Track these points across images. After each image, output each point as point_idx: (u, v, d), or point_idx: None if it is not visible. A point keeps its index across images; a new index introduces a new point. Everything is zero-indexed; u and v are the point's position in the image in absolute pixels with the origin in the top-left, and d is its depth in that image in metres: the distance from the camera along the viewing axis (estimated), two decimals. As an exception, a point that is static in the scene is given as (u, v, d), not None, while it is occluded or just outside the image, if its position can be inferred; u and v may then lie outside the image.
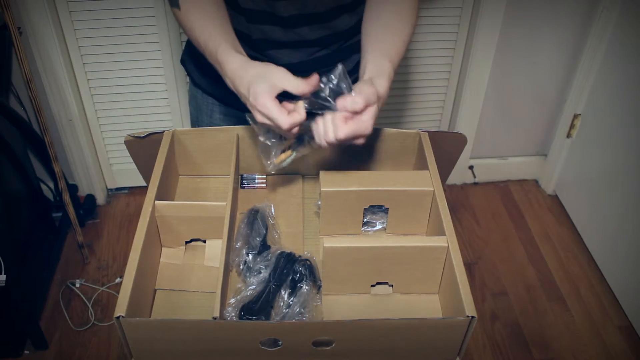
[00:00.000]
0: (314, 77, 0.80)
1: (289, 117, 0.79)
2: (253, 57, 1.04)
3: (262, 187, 1.06)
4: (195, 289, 0.90)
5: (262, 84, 0.80)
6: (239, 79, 0.83)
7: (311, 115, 0.83)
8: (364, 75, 0.88)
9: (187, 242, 0.96)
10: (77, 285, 1.90)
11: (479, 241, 2.11)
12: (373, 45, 0.92)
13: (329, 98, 0.81)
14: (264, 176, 1.07)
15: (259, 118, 0.81)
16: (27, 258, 1.78)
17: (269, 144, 0.88)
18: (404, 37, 0.94)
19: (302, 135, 0.87)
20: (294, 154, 0.90)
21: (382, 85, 0.84)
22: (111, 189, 2.26)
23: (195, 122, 1.22)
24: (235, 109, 1.15)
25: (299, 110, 0.80)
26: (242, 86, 0.83)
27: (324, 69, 0.85)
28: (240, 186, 1.06)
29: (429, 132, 1.01)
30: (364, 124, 0.80)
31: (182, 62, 1.20)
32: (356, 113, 0.80)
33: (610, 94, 1.92)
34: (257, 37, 1.01)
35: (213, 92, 1.14)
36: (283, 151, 0.89)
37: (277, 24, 0.99)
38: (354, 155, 1.05)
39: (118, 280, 1.93)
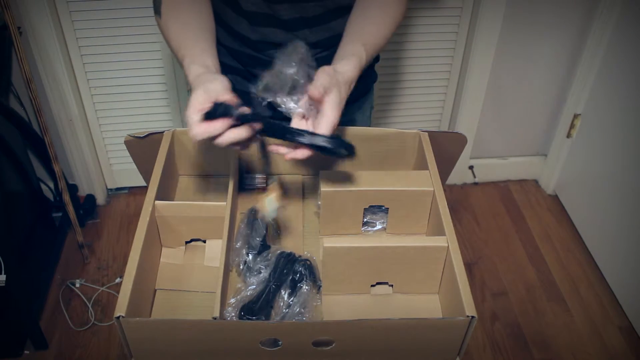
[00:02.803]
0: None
1: (200, 125, 0.74)
2: (254, 57, 1.05)
3: (262, 187, 1.06)
4: (195, 289, 0.90)
5: (193, 94, 0.76)
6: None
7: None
8: (335, 59, 0.88)
9: (187, 242, 0.96)
10: (77, 285, 1.90)
11: (479, 241, 2.11)
12: (350, 33, 0.93)
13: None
14: (264, 176, 1.07)
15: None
16: (27, 258, 1.78)
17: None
18: (384, 30, 0.94)
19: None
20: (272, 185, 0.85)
21: (347, 65, 0.84)
22: (111, 189, 2.26)
23: None
24: None
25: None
26: None
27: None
28: (240, 186, 1.06)
29: (429, 132, 1.01)
30: (327, 115, 0.77)
31: None
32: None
33: (610, 94, 1.92)
34: (258, 38, 1.01)
35: None
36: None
37: (278, 26, 0.99)
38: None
39: (118, 280, 1.93)
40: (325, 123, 0.78)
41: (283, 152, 0.80)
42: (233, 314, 0.82)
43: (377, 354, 0.80)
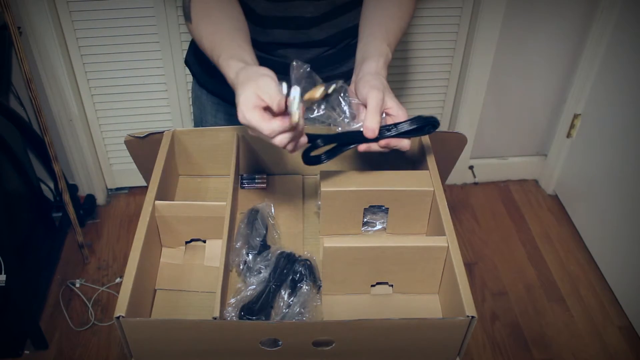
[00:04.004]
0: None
1: (271, 122, 0.73)
2: (261, 58, 1.05)
3: (262, 187, 1.06)
4: (195, 289, 0.90)
5: (243, 93, 0.75)
6: (235, 87, 0.80)
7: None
8: (359, 55, 0.90)
9: (187, 242, 0.96)
10: (77, 285, 1.90)
11: (479, 241, 2.11)
12: (372, 30, 0.93)
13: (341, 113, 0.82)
14: (264, 176, 1.07)
15: (249, 131, 0.77)
16: (27, 258, 1.78)
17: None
18: (402, 23, 0.96)
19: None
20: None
21: (378, 64, 0.86)
22: (111, 189, 2.26)
23: (199, 122, 1.22)
24: None
25: (292, 114, 0.73)
26: (235, 94, 0.78)
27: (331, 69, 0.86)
28: (240, 186, 1.06)
29: (429, 132, 1.01)
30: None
31: (187, 62, 1.20)
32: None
33: (610, 94, 1.92)
34: (266, 40, 1.01)
35: (219, 92, 1.14)
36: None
37: (286, 27, 0.99)
38: (354, 155, 1.05)
39: (118, 280, 1.93)
40: (400, 115, 0.83)
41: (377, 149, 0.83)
42: (233, 314, 0.82)
43: (377, 354, 0.80)
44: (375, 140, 0.81)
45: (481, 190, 2.33)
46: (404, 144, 0.82)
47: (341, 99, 0.82)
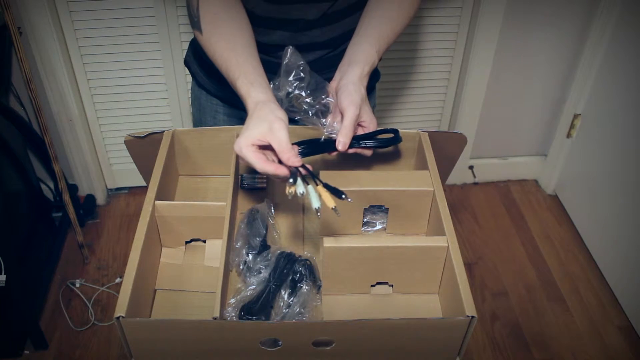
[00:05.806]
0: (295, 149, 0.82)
1: (266, 165, 0.79)
2: (262, 60, 1.05)
3: (262, 187, 1.06)
4: (195, 289, 0.90)
5: (253, 128, 0.80)
6: (248, 113, 0.85)
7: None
8: (347, 55, 0.94)
9: (187, 242, 0.96)
10: (77, 285, 1.90)
11: (479, 241, 2.11)
12: (366, 33, 0.96)
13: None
14: (264, 176, 1.07)
15: (239, 160, 0.82)
16: (27, 258, 1.78)
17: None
18: (398, 27, 0.98)
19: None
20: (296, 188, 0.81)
21: (363, 72, 0.91)
22: (111, 189, 2.26)
23: (198, 123, 1.22)
24: (239, 109, 1.15)
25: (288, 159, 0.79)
26: (246, 121, 0.84)
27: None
28: (240, 186, 1.06)
29: (429, 132, 1.01)
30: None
31: (186, 63, 1.20)
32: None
33: (610, 94, 1.92)
34: (267, 42, 1.01)
35: (218, 93, 1.14)
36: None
37: (288, 29, 0.99)
38: (354, 155, 1.05)
39: (118, 280, 1.93)
40: (371, 127, 0.91)
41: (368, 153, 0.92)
42: (233, 314, 0.82)
43: (377, 354, 0.80)
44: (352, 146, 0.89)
45: (481, 190, 2.33)
46: (367, 152, 0.92)
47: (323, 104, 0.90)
